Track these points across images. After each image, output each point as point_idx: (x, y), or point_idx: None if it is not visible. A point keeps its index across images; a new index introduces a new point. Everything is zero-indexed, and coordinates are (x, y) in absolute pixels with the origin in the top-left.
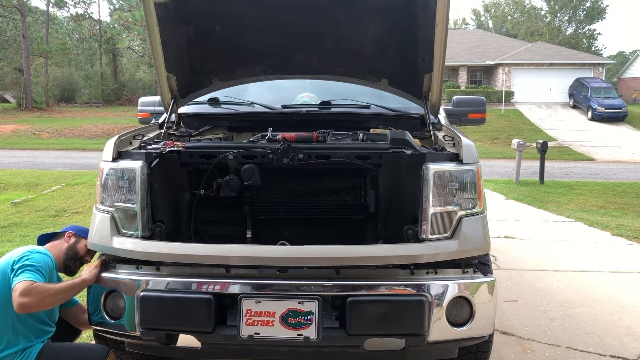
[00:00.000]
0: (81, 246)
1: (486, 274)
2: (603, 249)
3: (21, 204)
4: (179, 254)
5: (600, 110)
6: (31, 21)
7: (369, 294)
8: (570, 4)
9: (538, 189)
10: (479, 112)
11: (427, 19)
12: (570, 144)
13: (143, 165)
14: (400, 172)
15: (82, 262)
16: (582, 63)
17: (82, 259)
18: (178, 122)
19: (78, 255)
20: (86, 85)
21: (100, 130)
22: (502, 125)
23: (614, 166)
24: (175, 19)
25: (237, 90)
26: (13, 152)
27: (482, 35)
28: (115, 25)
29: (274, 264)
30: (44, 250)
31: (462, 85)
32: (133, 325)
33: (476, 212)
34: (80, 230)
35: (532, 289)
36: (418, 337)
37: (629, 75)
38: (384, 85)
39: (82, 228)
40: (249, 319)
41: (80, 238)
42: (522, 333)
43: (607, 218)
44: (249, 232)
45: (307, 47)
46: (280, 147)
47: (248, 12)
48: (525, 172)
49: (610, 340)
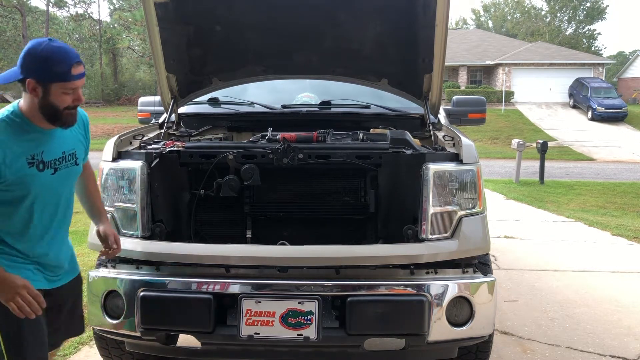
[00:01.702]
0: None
1: (486, 274)
2: (603, 249)
3: None
4: (179, 254)
5: (600, 110)
6: (31, 21)
7: (369, 294)
8: (570, 4)
9: (538, 189)
10: (479, 112)
11: (427, 19)
12: (570, 144)
13: (143, 165)
14: (400, 172)
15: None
16: (582, 63)
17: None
18: (178, 122)
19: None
20: (86, 85)
21: (100, 130)
22: (502, 125)
23: (614, 166)
24: (175, 19)
25: (237, 90)
26: None
27: (482, 35)
28: (115, 25)
29: (274, 264)
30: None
31: (462, 85)
32: (133, 325)
33: (476, 212)
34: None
35: (532, 289)
36: (418, 337)
37: (629, 75)
38: (383, 85)
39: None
40: (249, 319)
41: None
42: (522, 333)
43: (607, 218)
44: (249, 232)
45: (307, 47)
46: (280, 147)
47: (248, 12)
48: (525, 172)
49: (610, 340)
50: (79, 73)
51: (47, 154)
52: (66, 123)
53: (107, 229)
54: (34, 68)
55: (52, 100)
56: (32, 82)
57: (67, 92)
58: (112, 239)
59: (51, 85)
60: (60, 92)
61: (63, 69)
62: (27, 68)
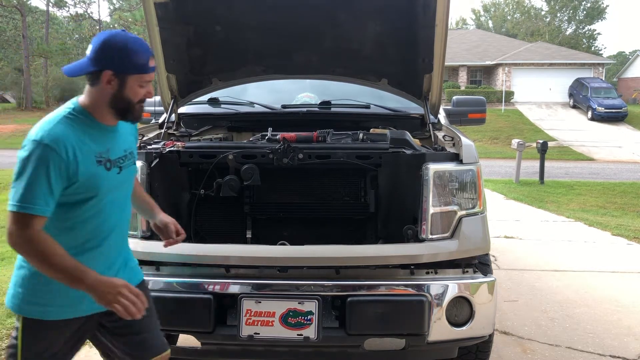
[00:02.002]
0: (131, 87)
1: (486, 274)
2: (603, 249)
3: None
4: (179, 254)
5: (600, 110)
6: (31, 21)
7: (369, 294)
8: (570, 4)
9: (538, 189)
10: (479, 112)
11: (427, 19)
12: (570, 143)
13: (143, 165)
14: (400, 172)
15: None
16: (582, 63)
17: (141, 102)
18: (178, 122)
19: (132, 100)
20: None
21: None
22: (502, 125)
23: (614, 166)
24: (175, 19)
25: (237, 90)
26: (13, 152)
27: (482, 35)
28: (115, 25)
29: (274, 264)
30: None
31: (462, 85)
32: None
33: (476, 212)
34: (121, 62)
35: (532, 289)
36: (418, 337)
37: (629, 75)
38: (383, 85)
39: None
40: (249, 319)
41: (124, 76)
42: (522, 333)
43: (607, 218)
44: (249, 232)
45: (307, 47)
46: (280, 147)
47: (248, 12)
48: (525, 172)
49: (610, 340)
50: (153, 66)
51: (112, 152)
52: (137, 117)
53: (165, 217)
54: (112, 59)
55: (126, 93)
56: (109, 74)
57: (142, 85)
58: (173, 227)
59: (128, 77)
60: (136, 85)
61: (142, 60)
62: (104, 59)
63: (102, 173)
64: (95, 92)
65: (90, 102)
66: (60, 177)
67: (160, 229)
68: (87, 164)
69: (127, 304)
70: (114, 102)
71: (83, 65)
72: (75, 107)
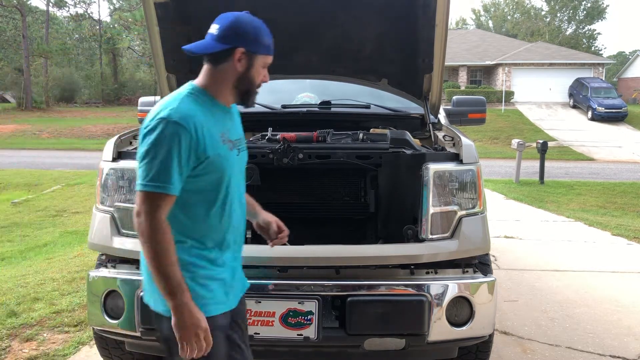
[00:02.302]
0: (257, 68)
1: (486, 274)
2: (603, 249)
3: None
4: None
5: (600, 110)
6: (31, 21)
7: (369, 294)
8: (570, 4)
9: (538, 189)
10: (479, 112)
11: (427, 19)
12: (570, 143)
13: None
14: (400, 172)
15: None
16: (582, 63)
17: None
18: None
19: (254, 82)
20: (86, 85)
21: (100, 130)
22: (502, 125)
23: (614, 166)
24: (175, 19)
25: None
26: (13, 152)
27: (482, 35)
28: (115, 25)
29: (274, 264)
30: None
31: (462, 85)
32: (133, 325)
33: (476, 212)
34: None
35: (532, 289)
36: (418, 337)
37: (629, 75)
38: (384, 85)
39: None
40: (248, 318)
41: (254, 56)
42: (522, 333)
43: (607, 218)
44: (248, 232)
45: (307, 47)
46: (280, 147)
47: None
48: (525, 172)
49: (610, 340)
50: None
51: (231, 133)
52: (253, 102)
53: (267, 215)
54: (245, 37)
55: (252, 73)
56: (240, 51)
57: (264, 67)
58: (275, 225)
59: (257, 57)
60: (261, 66)
61: (269, 41)
62: (236, 37)
63: (227, 152)
64: (219, 72)
65: (212, 82)
66: (190, 155)
67: (263, 229)
68: (214, 141)
69: (194, 347)
70: (240, 82)
71: (209, 44)
72: (194, 87)
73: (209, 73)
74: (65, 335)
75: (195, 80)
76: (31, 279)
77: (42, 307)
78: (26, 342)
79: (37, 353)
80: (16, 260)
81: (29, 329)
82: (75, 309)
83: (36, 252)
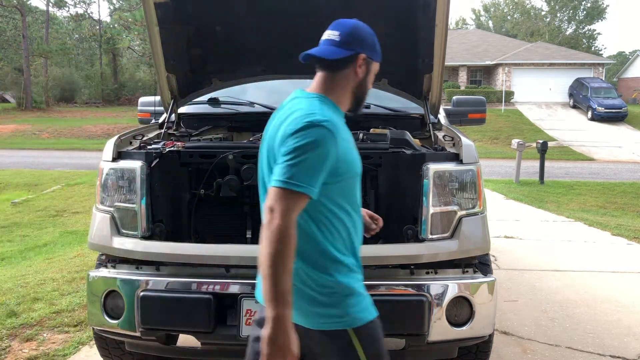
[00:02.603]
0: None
1: (486, 274)
2: (603, 249)
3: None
4: (179, 254)
5: (600, 110)
6: (31, 21)
7: (369, 294)
8: (570, 4)
9: (538, 189)
10: (479, 112)
11: (427, 19)
12: (570, 144)
13: (143, 165)
14: (400, 172)
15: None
16: (582, 63)
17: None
18: (178, 122)
19: (367, 90)
20: (86, 85)
21: (100, 130)
22: (502, 125)
23: (614, 166)
24: (175, 19)
25: (236, 90)
26: (13, 152)
27: (482, 35)
28: (115, 25)
29: None
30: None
31: (462, 85)
32: (133, 325)
33: (476, 212)
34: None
35: (532, 289)
36: (418, 337)
37: (629, 75)
38: (384, 85)
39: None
40: (249, 318)
41: (371, 63)
42: (522, 333)
43: (607, 218)
44: (249, 232)
45: (307, 47)
46: None
47: (248, 12)
48: (525, 172)
49: (610, 340)
50: None
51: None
52: (362, 109)
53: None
54: (365, 43)
55: (367, 81)
56: (362, 57)
57: (375, 74)
58: (368, 218)
59: (372, 64)
60: (373, 74)
61: (379, 48)
62: (358, 43)
63: (356, 154)
64: (340, 78)
65: (332, 89)
66: (333, 158)
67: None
68: (347, 143)
69: None
70: (358, 88)
71: (334, 50)
72: (320, 95)
73: (327, 80)
74: (65, 335)
75: (310, 88)
76: (31, 279)
77: (42, 307)
78: (26, 342)
79: (37, 353)
80: (16, 260)
81: (29, 329)
82: (75, 309)
83: (36, 252)
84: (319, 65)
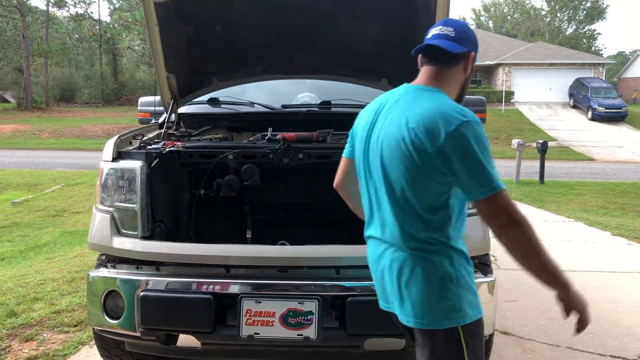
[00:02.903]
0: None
1: (486, 274)
2: (603, 249)
3: (21, 204)
4: (179, 254)
5: (600, 110)
6: (31, 21)
7: (369, 294)
8: (570, 4)
9: (538, 189)
10: (479, 112)
11: (427, 19)
12: (570, 143)
13: (143, 165)
14: None
15: None
16: (582, 63)
17: None
18: (178, 122)
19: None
20: (86, 85)
21: (100, 130)
22: (502, 125)
23: (614, 166)
24: (175, 19)
25: (237, 90)
26: (13, 152)
27: (482, 35)
28: (115, 25)
29: (274, 264)
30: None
31: None
32: (133, 325)
33: (476, 211)
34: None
35: (532, 289)
36: None
37: (629, 75)
38: (384, 85)
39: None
40: (249, 319)
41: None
42: (522, 333)
43: (607, 218)
44: (249, 232)
45: (307, 47)
46: (280, 147)
47: (248, 12)
48: (525, 172)
49: (610, 340)
50: None
51: None
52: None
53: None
54: (474, 42)
55: (469, 78)
56: (472, 55)
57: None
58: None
59: (473, 62)
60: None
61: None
62: (469, 41)
63: None
64: (452, 73)
65: (445, 83)
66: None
67: None
68: None
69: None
70: (464, 85)
71: (455, 45)
72: (439, 90)
73: (439, 74)
74: (65, 335)
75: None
76: (31, 279)
77: (42, 307)
78: (26, 342)
79: (37, 353)
80: (16, 260)
81: (29, 329)
82: (75, 309)
83: (36, 252)
84: (432, 59)
